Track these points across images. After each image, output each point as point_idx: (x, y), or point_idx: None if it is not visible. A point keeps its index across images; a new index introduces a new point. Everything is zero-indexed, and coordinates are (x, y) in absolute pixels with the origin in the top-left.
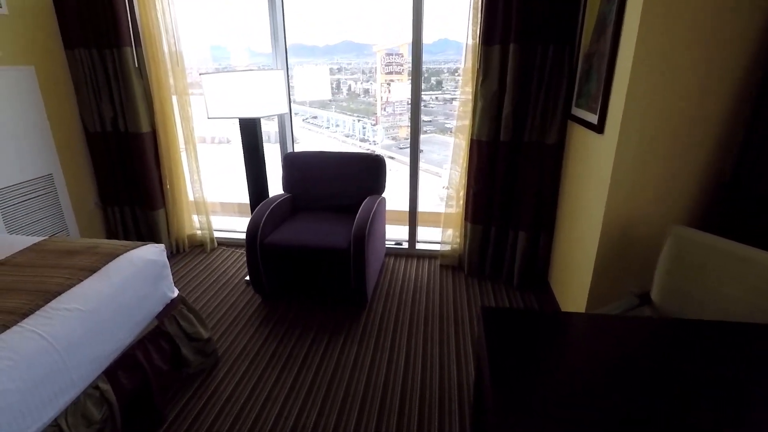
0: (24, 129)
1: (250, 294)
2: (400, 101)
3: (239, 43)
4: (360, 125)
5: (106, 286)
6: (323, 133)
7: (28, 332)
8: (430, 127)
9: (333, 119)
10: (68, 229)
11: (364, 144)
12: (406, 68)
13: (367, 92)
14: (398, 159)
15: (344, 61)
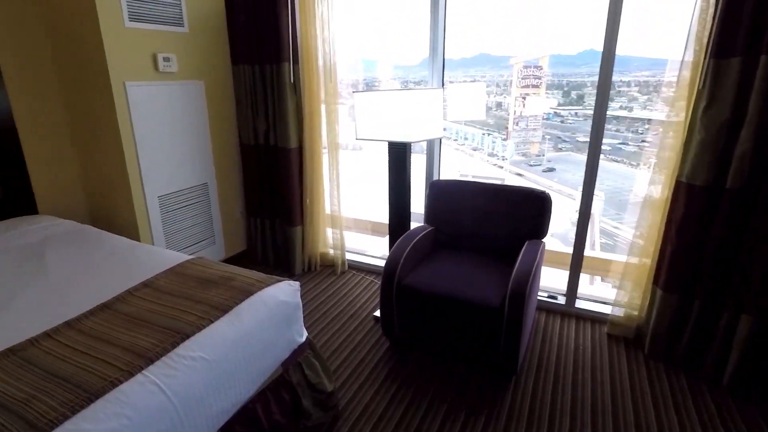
0: (190, 140)
1: (378, 334)
2: (534, 116)
3: (385, 55)
4: (489, 139)
5: (234, 331)
6: (450, 145)
7: (150, 384)
8: (566, 144)
9: (462, 132)
10: (215, 236)
11: (492, 159)
12: (544, 81)
13: (499, 106)
14: (527, 176)
15: (478, 73)
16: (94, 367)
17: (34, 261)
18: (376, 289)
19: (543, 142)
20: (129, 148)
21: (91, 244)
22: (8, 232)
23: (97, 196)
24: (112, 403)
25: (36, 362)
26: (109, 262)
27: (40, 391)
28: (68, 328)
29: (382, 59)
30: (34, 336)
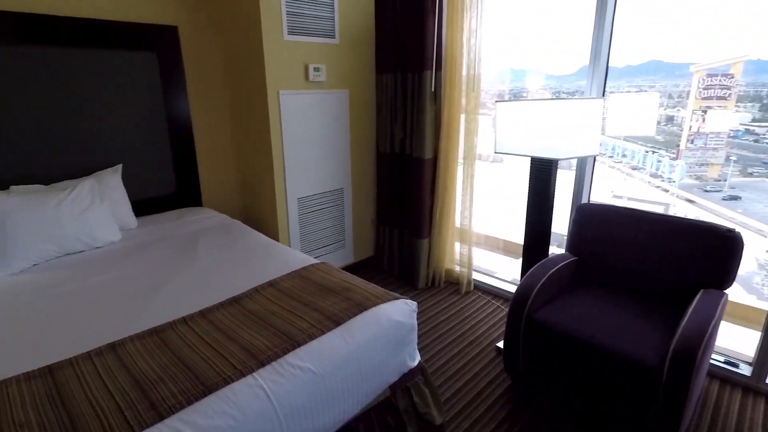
0: (331, 146)
1: (499, 368)
2: (717, 133)
3: (535, 64)
4: (654, 158)
5: (345, 346)
6: (604, 162)
7: (257, 389)
8: (759, 168)
9: (619, 148)
10: (345, 240)
11: (655, 180)
12: (734, 92)
13: (670, 120)
14: (701, 204)
15: (645, 83)
16: (213, 360)
17: (188, 249)
18: (503, 317)
19: (726, 165)
20: (277, 152)
21: (235, 238)
22: (176, 220)
23: (248, 194)
24: (222, 400)
25: (170, 345)
26: (246, 258)
27: (168, 375)
28: (201, 317)
29: (531, 68)
30: (173, 320)
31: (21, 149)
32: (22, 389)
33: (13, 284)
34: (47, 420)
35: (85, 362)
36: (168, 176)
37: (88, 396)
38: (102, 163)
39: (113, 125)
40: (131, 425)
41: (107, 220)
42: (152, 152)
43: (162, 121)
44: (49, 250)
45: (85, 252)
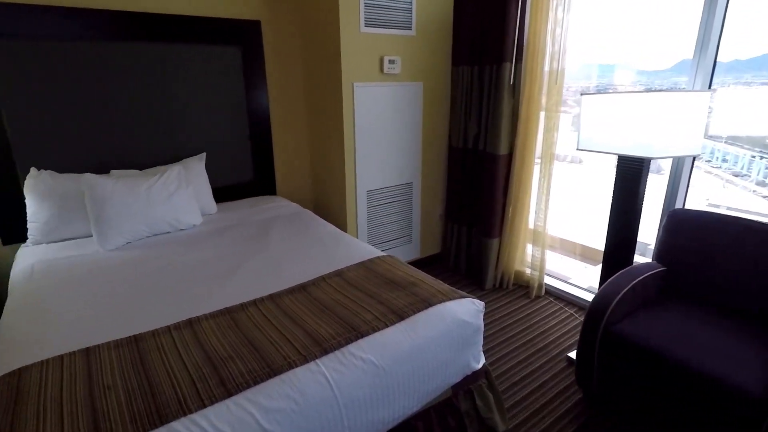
0: (402, 139)
1: (569, 380)
2: None
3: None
4: (763, 164)
5: (408, 342)
6: (699, 167)
7: (320, 375)
8: None
9: (719, 150)
10: (412, 235)
11: (762, 189)
12: None
13: None
14: None
15: (756, 80)
16: (279, 343)
17: (262, 235)
18: (576, 325)
19: None
20: (349, 144)
21: (305, 227)
22: (252, 207)
23: (320, 185)
24: (286, 384)
25: (241, 326)
26: (315, 246)
27: (237, 354)
28: (270, 301)
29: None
30: (244, 302)
31: (120, 137)
32: (111, 355)
33: (109, 259)
34: (130, 385)
35: (165, 335)
36: (246, 165)
37: (166, 366)
38: (188, 151)
39: (199, 116)
40: (202, 398)
41: (191, 205)
42: (233, 142)
43: (243, 112)
44: (140, 230)
45: (170, 233)
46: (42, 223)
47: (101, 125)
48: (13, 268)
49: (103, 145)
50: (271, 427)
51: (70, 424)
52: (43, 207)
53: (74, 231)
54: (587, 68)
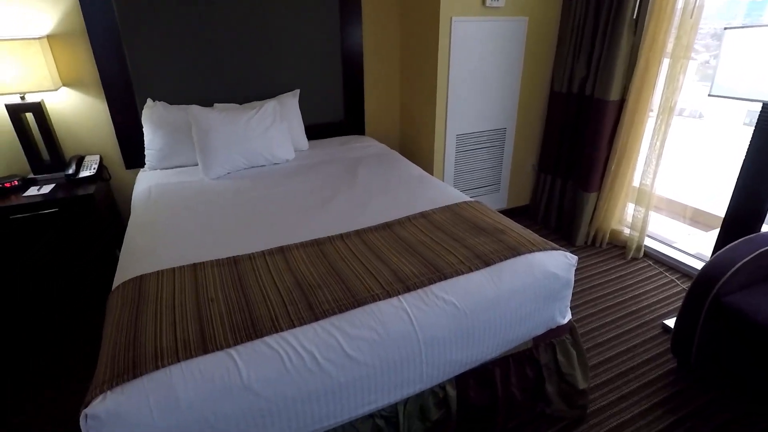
0: (500, 81)
1: (662, 348)
2: None
3: None
4: None
5: (491, 288)
6: None
7: (401, 311)
8: None
9: None
10: (500, 184)
11: None
12: None
13: None
14: None
15: None
16: (364, 276)
17: (350, 173)
18: (677, 293)
19: None
20: (442, 84)
21: (392, 168)
22: (341, 146)
23: (409, 126)
24: (369, 315)
25: (328, 257)
26: (401, 187)
27: (324, 283)
28: (356, 236)
29: None
30: (332, 235)
31: (223, 72)
32: (214, 272)
33: (213, 187)
34: (229, 299)
35: (260, 259)
36: (337, 104)
37: (261, 287)
38: (283, 87)
39: (296, 53)
40: (292, 319)
41: (285, 140)
42: (326, 80)
43: (337, 51)
44: (239, 161)
45: (265, 167)
46: (156, 150)
47: (207, 60)
48: (134, 189)
49: (208, 79)
50: (353, 353)
51: (181, 327)
52: (157, 135)
53: (183, 160)
54: (732, 5)
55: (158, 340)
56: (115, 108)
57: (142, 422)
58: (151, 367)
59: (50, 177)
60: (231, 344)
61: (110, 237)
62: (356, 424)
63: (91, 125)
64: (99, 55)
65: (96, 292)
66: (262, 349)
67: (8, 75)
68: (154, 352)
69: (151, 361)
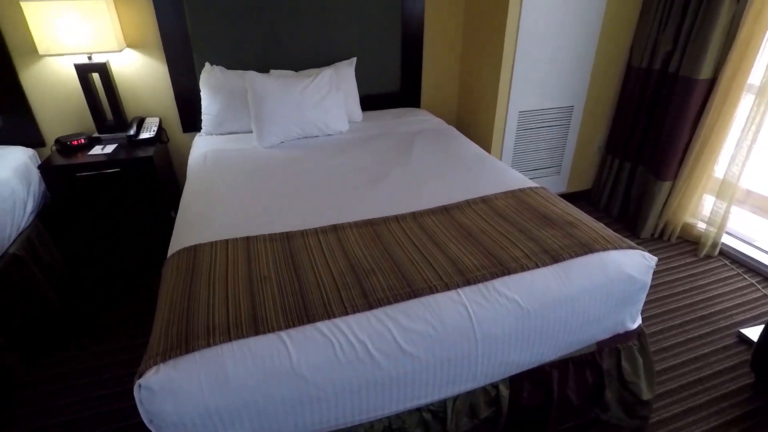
0: (571, 54)
1: (738, 359)
2: None
3: None
4: None
5: (559, 288)
6: None
7: (460, 306)
8: None
9: None
10: (561, 166)
11: None
12: None
13: None
14: None
15: None
16: (420, 264)
17: (405, 149)
18: (758, 299)
19: None
20: (508, 57)
21: (449, 145)
22: (396, 119)
23: (467, 100)
24: (425, 307)
25: (383, 239)
26: (459, 167)
27: (378, 268)
28: (412, 219)
29: None
30: (387, 216)
31: (280, 37)
32: (266, 247)
33: (266, 156)
34: (282, 278)
35: (312, 236)
36: (394, 75)
37: (314, 267)
38: (340, 55)
39: (354, 19)
40: (345, 306)
41: (339, 110)
42: (383, 49)
43: (397, 19)
44: (293, 130)
45: (318, 138)
46: (213, 115)
47: (265, 25)
48: (191, 153)
49: (265, 44)
50: (407, 347)
51: (234, 304)
52: (214, 101)
53: (238, 126)
54: None
55: (211, 316)
56: (175, 71)
57: (192, 397)
58: (204, 343)
59: (113, 137)
60: (282, 327)
61: (166, 198)
62: (402, 416)
63: (152, 87)
64: (161, 16)
65: (152, 252)
66: (313, 335)
67: (77, 35)
68: (207, 327)
69: (204, 337)
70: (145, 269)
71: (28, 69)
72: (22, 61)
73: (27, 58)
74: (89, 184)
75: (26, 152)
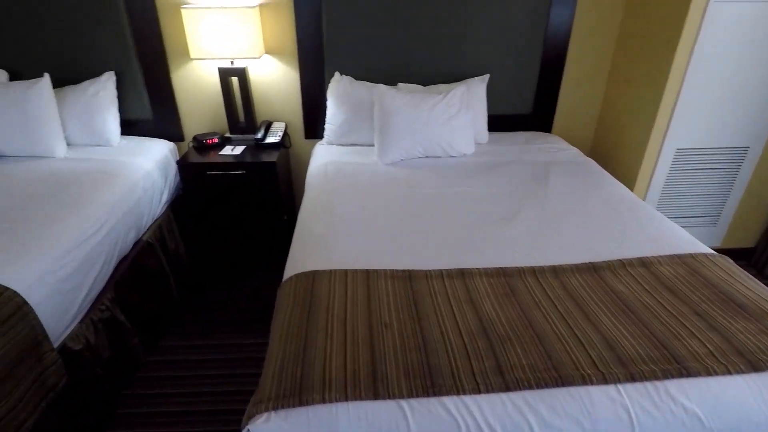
0: (754, 85)
1: None
2: None
3: None
4: None
5: (759, 408)
6: None
7: (621, 408)
8: None
9: None
10: (719, 216)
11: None
12: None
13: None
14: None
15: None
16: (568, 341)
17: (538, 182)
18: None
19: None
20: (674, 81)
21: (591, 183)
22: (526, 144)
23: (608, 128)
24: (575, 400)
25: (518, 296)
26: (606, 213)
27: (515, 335)
28: (553, 275)
29: None
30: (522, 266)
31: (411, 50)
32: (387, 286)
33: (387, 174)
34: (404, 328)
35: (437, 280)
36: (527, 95)
37: (439, 320)
38: (471, 70)
39: (491, 32)
40: (477, 381)
41: (467, 131)
42: (520, 67)
43: (540, 35)
44: (415, 149)
45: (440, 158)
46: (336, 125)
47: (397, 36)
48: (311, 161)
49: (394, 56)
50: None
51: (352, 352)
52: (340, 111)
53: (360, 138)
54: None
55: (327, 365)
56: (305, 78)
57: None
58: (318, 398)
59: (242, 138)
60: (404, 395)
61: (283, 202)
62: None
63: (282, 93)
64: (300, 26)
65: (266, 254)
66: (438, 410)
67: (226, 41)
68: (323, 379)
69: (319, 390)
70: (258, 269)
71: (178, 70)
72: (175, 62)
73: (179, 60)
74: (216, 181)
75: (167, 145)
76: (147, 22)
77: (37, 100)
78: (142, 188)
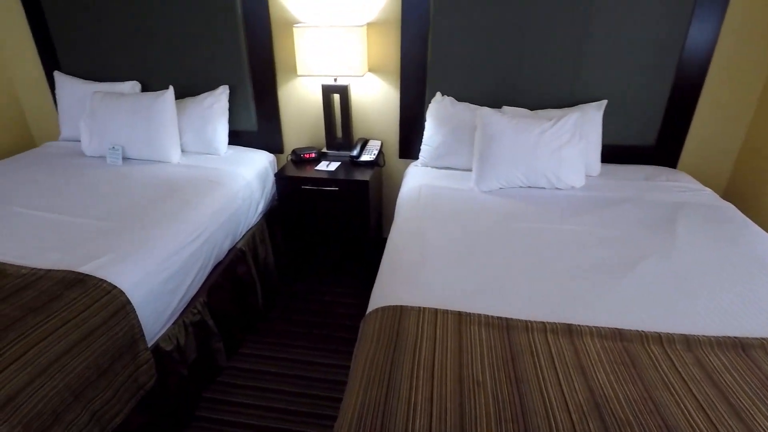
0: None
1: None
2: None
3: None
4: None
5: None
6: None
7: None
8: None
9: None
10: None
11: None
12: None
13: None
14: None
15: None
16: None
17: (662, 228)
18: None
19: None
20: None
21: (730, 233)
22: (646, 181)
23: (751, 167)
24: None
25: (639, 369)
26: (754, 273)
27: (636, 421)
28: (685, 347)
29: None
30: (645, 331)
31: (519, 71)
32: (481, 334)
33: (484, 202)
34: (499, 390)
35: (539, 334)
36: (652, 125)
37: (541, 386)
38: (587, 95)
39: (609, 51)
40: None
41: (578, 162)
42: (644, 92)
43: (673, 58)
44: (517, 177)
45: (545, 190)
46: (433, 147)
47: (506, 56)
48: (404, 182)
49: (501, 77)
50: None
51: (438, 411)
52: (438, 132)
53: (457, 162)
54: None
55: (410, 420)
56: (406, 97)
57: None
58: None
59: (338, 154)
60: None
61: (374, 221)
62: None
63: (381, 111)
64: (405, 44)
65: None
66: None
67: (331, 58)
68: None
69: None
70: (342, 286)
71: (285, 85)
72: (283, 78)
73: (286, 76)
74: (310, 196)
75: (268, 157)
76: (262, 39)
77: (161, 110)
78: (242, 197)
